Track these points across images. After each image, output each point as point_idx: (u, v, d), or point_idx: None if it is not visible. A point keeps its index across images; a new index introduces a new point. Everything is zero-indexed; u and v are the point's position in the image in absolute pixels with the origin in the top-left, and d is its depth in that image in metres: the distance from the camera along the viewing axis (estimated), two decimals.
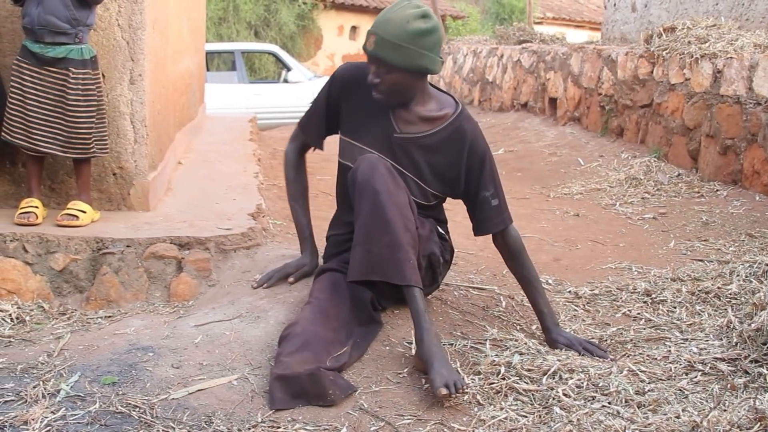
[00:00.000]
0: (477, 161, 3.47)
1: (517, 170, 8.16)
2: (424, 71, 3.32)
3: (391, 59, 3.25)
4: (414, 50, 3.23)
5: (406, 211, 3.20)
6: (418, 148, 3.47)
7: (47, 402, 2.79)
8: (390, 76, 3.30)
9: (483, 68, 12.65)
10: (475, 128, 3.51)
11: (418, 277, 3.16)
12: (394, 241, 3.13)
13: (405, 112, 3.47)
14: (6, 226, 4.11)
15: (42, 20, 4.13)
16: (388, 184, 3.19)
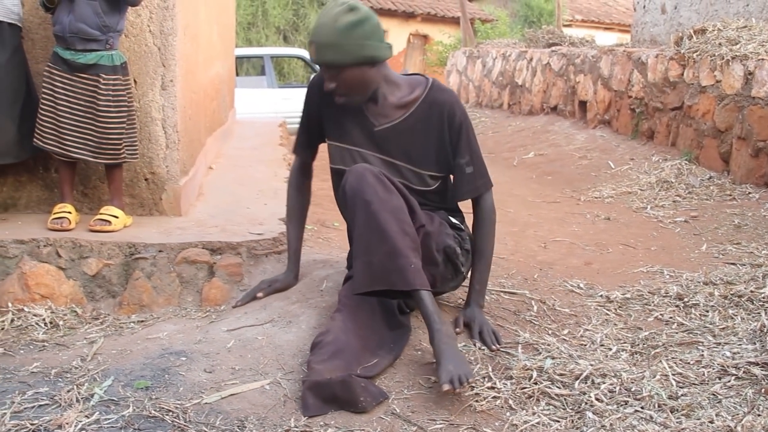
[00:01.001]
0: (455, 130, 3.49)
1: (548, 174, 8.14)
2: (370, 60, 3.35)
3: (335, 60, 3.30)
4: (352, 44, 3.28)
5: (401, 215, 3.20)
6: (401, 134, 3.50)
7: (81, 406, 2.80)
8: (342, 76, 3.34)
9: (512, 71, 12.62)
10: (449, 98, 3.53)
11: (423, 279, 3.16)
12: (393, 248, 3.13)
13: (377, 106, 3.51)
14: (39, 231, 4.15)
15: (73, 27, 4.15)
16: (378, 192, 3.18)
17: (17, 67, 4.29)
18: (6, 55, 4.21)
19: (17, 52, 4.30)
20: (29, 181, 4.63)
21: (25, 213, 4.62)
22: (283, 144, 7.81)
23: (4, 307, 3.92)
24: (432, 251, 3.39)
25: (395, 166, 3.50)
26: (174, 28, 4.59)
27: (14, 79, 4.27)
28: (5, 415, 2.74)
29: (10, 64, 4.24)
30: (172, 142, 4.61)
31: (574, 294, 4.12)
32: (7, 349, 3.52)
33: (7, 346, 3.56)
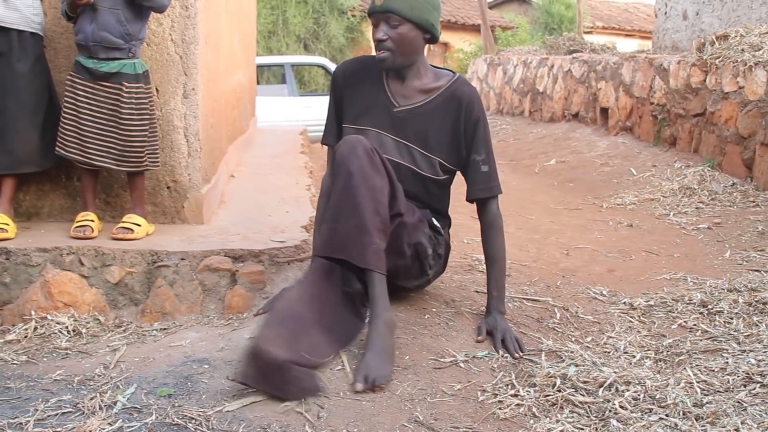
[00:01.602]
0: (472, 123, 3.54)
1: (570, 181, 8.12)
2: (430, 28, 3.45)
3: (402, 9, 3.37)
4: (424, 3, 3.40)
5: (379, 195, 3.20)
6: (418, 118, 3.56)
7: (104, 414, 2.80)
8: (399, 30, 3.41)
9: (533, 79, 12.61)
10: (472, 92, 3.59)
11: (380, 262, 3.17)
12: (361, 223, 3.15)
13: (402, 87, 3.59)
14: (62, 239, 4.16)
15: (96, 36, 4.17)
16: (363, 167, 3.19)
17: (39, 76, 4.32)
18: (27, 65, 4.23)
19: (39, 61, 4.32)
20: (52, 190, 4.65)
21: (47, 221, 4.64)
22: (304, 152, 7.82)
23: (28, 315, 3.94)
24: (402, 242, 3.42)
25: (408, 149, 3.57)
26: (196, 36, 4.61)
27: (36, 89, 4.30)
28: (29, 423, 2.74)
29: (32, 73, 4.27)
30: (194, 150, 4.62)
31: (597, 301, 4.10)
32: (31, 356, 3.54)
33: (31, 353, 3.58)
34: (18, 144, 4.27)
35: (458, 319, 3.60)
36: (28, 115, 4.26)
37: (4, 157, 4.27)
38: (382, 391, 2.94)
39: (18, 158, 4.29)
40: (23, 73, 4.22)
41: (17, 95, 4.22)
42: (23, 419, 2.78)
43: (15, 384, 3.17)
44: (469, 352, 3.29)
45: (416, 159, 3.57)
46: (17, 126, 4.25)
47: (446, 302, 3.78)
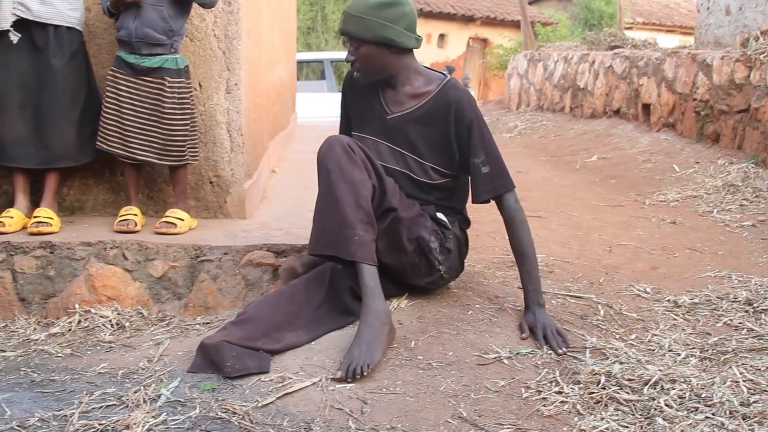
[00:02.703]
0: (464, 127, 3.53)
1: (611, 177, 8.06)
2: (389, 43, 3.47)
3: (356, 32, 3.46)
4: (376, 21, 3.43)
5: (358, 188, 3.26)
6: (409, 124, 3.59)
7: (148, 407, 2.82)
8: (361, 50, 3.50)
9: (574, 75, 12.54)
10: (460, 95, 3.57)
11: (366, 252, 3.22)
12: (342, 217, 3.22)
13: (394, 93, 3.64)
14: (106, 233, 4.18)
15: (140, 33, 4.18)
16: (341, 163, 3.28)
17: (75, 71, 4.33)
18: (63, 60, 4.25)
19: (76, 56, 4.33)
20: (95, 185, 4.68)
21: (91, 216, 4.67)
22: None
23: (72, 309, 3.97)
24: (401, 237, 3.46)
25: (402, 155, 3.61)
26: (238, 32, 4.62)
27: (72, 84, 4.31)
28: (74, 415, 2.76)
29: (68, 68, 4.28)
30: (236, 145, 4.64)
31: (641, 298, 4.07)
32: (75, 349, 3.57)
33: (75, 346, 3.61)
34: (54, 139, 4.29)
35: (502, 315, 3.59)
36: (63, 110, 4.28)
37: (41, 152, 4.30)
38: (363, 380, 2.99)
39: (54, 153, 4.32)
40: (59, 68, 4.24)
41: (53, 90, 4.25)
42: (68, 411, 2.80)
43: (59, 376, 3.20)
44: (513, 349, 3.28)
45: (410, 164, 3.61)
46: (53, 121, 4.27)
47: (489, 298, 3.76)
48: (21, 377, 3.22)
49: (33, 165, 4.32)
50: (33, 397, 2.99)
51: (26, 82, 4.26)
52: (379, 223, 3.41)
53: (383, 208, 3.39)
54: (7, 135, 4.28)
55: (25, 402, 2.92)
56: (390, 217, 3.41)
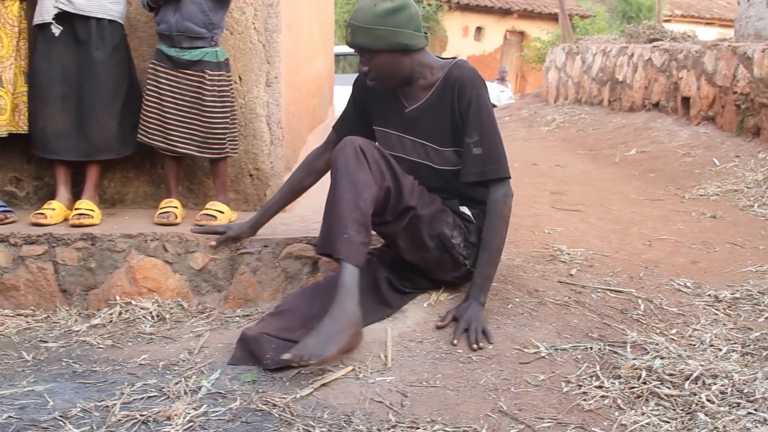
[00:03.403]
0: (465, 105, 3.49)
1: (650, 171, 8.00)
2: (403, 48, 3.45)
3: (368, 44, 3.43)
4: (386, 30, 3.39)
5: (360, 189, 3.23)
6: (425, 115, 3.59)
7: (189, 398, 2.84)
8: (374, 61, 3.48)
9: (612, 68, 12.45)
10: (463, 74, 3.54)
11: (351, 251, 3.18)
12: (338, 216, 3.21)
13: (411, 88, 3.62)
14: (147, 226, 4.21)
15: (180, 26, 4.20)
16: (348, 163, 3.26)
17: (117, 64, 4.35)
18: (105, 53, 4.28)
19: (117, 49, 4.35)
20: (136, 177, 4.71)
21: (132, 208, 4.71)
22: None
23: (113, 300, 4.00)
24: (422, 235, 3.47)
25: (423, 147, 3.61)
26: (278, 25, 4.63)
27: (113, 76, 4.34)
28: (115, 406, 2.78)
29: (110, 61, 4.31)
30: (276, 138, 4.65)
31: (682, 293, 4.04)
32: (116, 341, 3.59)
33: (116, 338, 3.64)
34: (95, 131, 4.32)
35: (541, 309, 3.58)
36: (105, 103, 4.31)
37: (82, 144, 4.33)
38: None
39: (96, 146, 4.35)
40: (101, 61, 4.27)
41: (94, 83, 4.27)
42: (109, 402, 2.83)
43: (101, 367, 3.23)
44: (553, 343, 3.27)
45: (430, 155, 3.60)
46: (95, 114, 4.30)
47: (529, 292, 3.75)
48: (63, 368, 3.25)
49: (75, 157, 4.36)
50: (75, 387, 3.02)
51: (68, 74, 4.29)
52: (399, 222, 3.43)
53: (401, 207, 3.40)
54: (49, 127, 4.31)
55: (67, 392, 2.95)
56: (409, 216, 3.42)
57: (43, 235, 4.04)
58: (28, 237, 4.04)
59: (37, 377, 3.13)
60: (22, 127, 4.35)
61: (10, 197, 4.63)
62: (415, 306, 3.55)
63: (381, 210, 3.37)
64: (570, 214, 5.69)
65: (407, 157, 3.62)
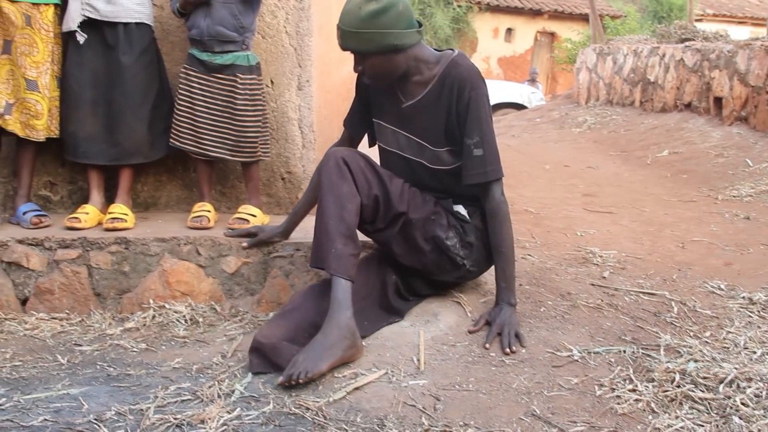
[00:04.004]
0: (463, 105, 3.45)
1: (683, 172, 7.97)
2: (392, 49, 3.39)
3: (358, 47, 3.39)
4: (374, 33, 3.33)
5: (344, 202, 3.26)
6: (421, 112, 3.55)
7: (223, 402, 2.85)
8: (367, 63, 3.44)
9: (644, 68, 12.40)
10: (461, 72, 3.49)
11: (340, 265, 3.20)
12: (326, 231, 3.24)
13: (407, 83, 3.57)
14: (179, 229, 4.23)
15: (211, 31, 4.22)
16: (331, 176, 3.29)
17: (145, 68, 4.37)
18: (133, 57, 4.30)
19: (145, 53, 4.37)
20: (169, 181, 4.73)
21: (165, 212, 4.73)
22: None
23: (146, 304, 4.02)
24: (416, 239, 3.47)
25: (418, 144, 3.59)
26: (310, 28, 4.64)
27: (142, 81, 4.35)
28: (149, 409, 2.80)
29: (137, 65, 4.33)
30: (308, 141, 4.66)
31: (715, 295, 4.02)
32: (149, 344, 3.61)
33: (149, 341, 3.65)
34: (125, 136, 4.34)
35: (574, 312, 3.57)
36: (133, 107, 4.32)
37: (112, 148, 4.36)
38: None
39: (125, 150, 4.37)
40: (128, 65, 4.28)
41: (123, 87, 4.29)
42: (143, 406, 2.85)
43: (135, 371, 3.25)
44: (586, 346, 3.26)
45: (425, 153, 3.58)
46: (123, 118, 4.32)
47: (562, 295, 3.74)
48: (97, 371, 3.27)
49: (104, 161, 4.38)
50: (109, 391, 3.03)
51: (98, 79, 4.32)
52: (392, 228, 3.43)
53: (392, 213, 3.40)
54: (80, 131, 4.35)
55: (101, 396, 2.97)
56: (401, 222, 3.42)
57: (77, 239, 4.07)
58: (63, 241, 4.07)
59: (72, 380, 3.16)
60: (54, 131, 4.38)
61: (44, 201, 4.66)
62: (448, 310, 3.55)
63: (372, 218, 3.39)
64: (602, 216, 5.67)
65: (402, 154, 3.62)
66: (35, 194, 4.63)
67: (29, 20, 4.20)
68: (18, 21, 4.17)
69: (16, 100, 4.23)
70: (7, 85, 4.21)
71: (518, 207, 5.64)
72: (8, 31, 4.18)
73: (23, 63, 4.21)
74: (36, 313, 4.02)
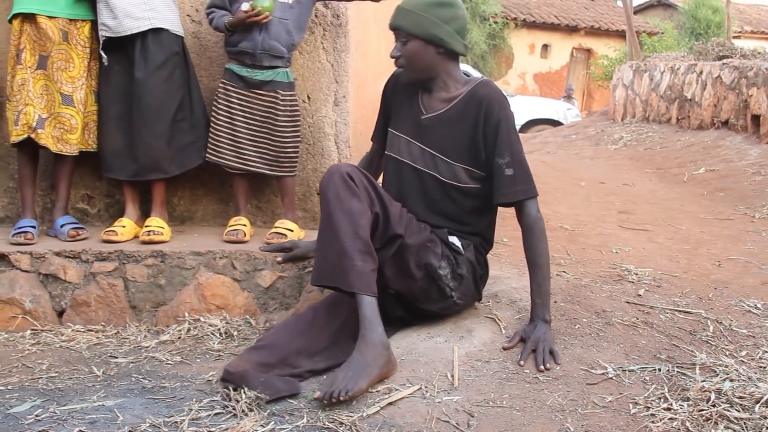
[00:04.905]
0: (492, 125, 3.46)
1: (719, 190, 7.92)
2: (438, 41, 3.46)
3: (407, 26, 3.46)
4: (428, 18, 3.43)
5: (356, 218, 3.22)
6: (441, 125, 3.56)
7: (257, 415, 2.86)
8: (408, 46, 3.49)
9: (681, 85, 12.34)
10: (490, 93, 3.52)
11: (364, 283, 3.17)
12: (341, 248, 3.18)
13: (430, 96, 3.63)
14: (215, 243, 4.25)
15: (265, 45, 4.25)
16: (339, 193, 3.25)
17: (162, 83, 4.34)
18: (147, 73, 4.30)
19: (163, 67, 4.35)
20: (205, 195, 4.76)
21: (200, 225, 4.75)
22: None
23: (181, 317, 4.04)
24: (409, 264, 3.43)
25: (432, 157, 3.59)
26: (346, 45, 4.66)
27: (158, 96, 4.33)
28: (184, 422, 2.82)
29: (153, 80, 4.32)
30: (344, 157, 4.68)
31: (752, 314, 3.99)
32: (184, 357, 3.63)
33: (184, 354, 3.68)
34: (141, 151, 4.36)
35: (609, 329, 3.55)
36: (149, 123, 4.33)
37: (132, 164, 4.39)
38: (350, 402, 2.97)
39: (143, 165, 4.39)
40: (142, 81, 4.29)
41: (139, 103, 4.31)
42: (178, 418, 2.86)
43: (170, 383, 3.27)
44: (621, 364, 3.24)
45: (438, 166, 3.57)
46: (140, 134, 4.34)
47: (597, 312, 3.73)
48: (132, 383, 3.29)
49: (125, 176, 4.42)
50: (144, 403, 3.05)
51: (123, 94, 4.35)
52: (386, 250, 3.40)
53: (388, 235, 3.38)
54: (106, 146, 4.40)
55: (136, 408, 2.99)
56: (397, 244, 3.40)
57: (113, 252, 4.11)
58: (99, 254, 4.11)
59: (107, 392, 3.18)
60: (92, 145, 4.42)
61: (81, 214, 4.71)
62: (482, 326, 3.54)
63: (370, 237, 3.36)
64: (638, 234, 5.65)
65: (413, 165, 3.62)
66: (73, 207, 4.67)
67: (66, 36, 4.25)
68: (55, 36, 4.21)
69: (49, 115, 4.27)
70: (41, 100, 4.26)
71: (553, 224, 5.62)
72: (45, 47, 4.23)
73: (59, 78, 4.25)
74: (72, 325, 4.05)
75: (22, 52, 4.22)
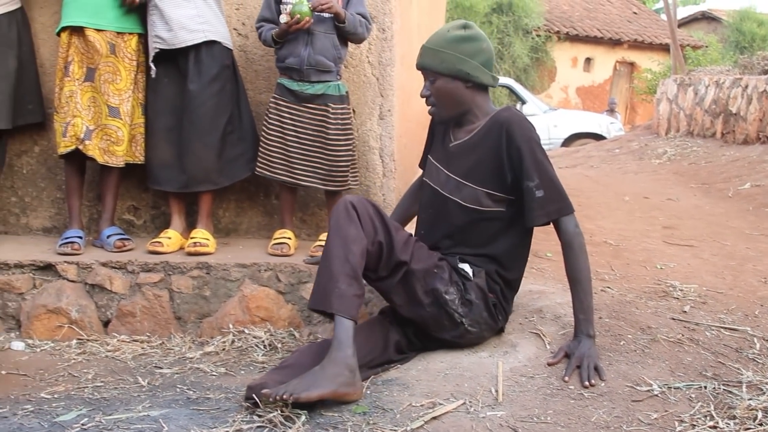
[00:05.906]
0: (515, 147, 3.44)
1: (765, 205, 7.84)
2: (464, 77, 3.48)
3: (433, 65, 3.51)
4: (452, 54, 3.46)
5: (350, 245, 3.24)
6: (466, 152, 3.58)
7: (301, 428, 2.86)
8: (436, 84, 3.54)
9: (726, 99, 12.25)
10: (511, 116, 3.51)
11: (343, 305, 3.17)
12: (330, 272, 3.21)
13: (459, 126, 3.67)
14: (260, 255, 4.28)
15: (312, 60, 4.28)
16: (339, 220, 3.30)
17: (215, 95, 4.41)
18: (200, 85, 4.38)
19: (216, 79, 4.41)
20: (250, 207, 4.79)
21: (245, 237, 4.79)
22: None
23: (226, 329, 4.07)
24: (416, 291, 3.43)
25: (457, 183, 3.59)
26: (392, 58, 4.68)
27: (211, 108, 4.40)
28: None
29: (206, 93, 4.39)
30: (388, 170, 4.69)
31: None
32: (229, 368, 3.66)
33: (229, 366, 3.70)
34: (192, 163, 4.41)
35: (654, 346, 3.53)
36: (201, 134, 4.38)
37: (181, 176, 4.45)
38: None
39: (193, 177, 4.44)
40: (195, 93, 4.35)
41: (191, 115, 4.36)
42: (222, 430, 2.88)
43: (214, 395, 3.28)
44: (666, 381, 3.22)
45: (462, 191, 3.57)
46: (191, 146, 4.39)
47: (642, 329, 3.70)
48: (177, 394, 3.32)
49: (174, 188, 4.46)
50: (189, 414, 3.07)
51: (172, 106, 4.41)
52: (393, 277, 3.42)
53: (393, 262, 3.39)
54: (154, 158, 4.44)
55: (181, 419, 3.01)
56: (402, 271, 3.40)
57: (159, 263, 4.14)
58: (145, 265, 4.14)
59: (152, 402, 3.20)
60: (138, 157, 4.47)
61: (128, 225, 4.76)
62: (527, 341, 3.53)
63: (375, 265, 3.38)
64: (682, 249, 5.61)
65: (440, 190, 3.64)
66: (119, 218, 4.72)
67: (114, 49, 4.30)
68: (103, 49, 4.27)
69: (96, 126, 4.32)
70: (89, 112, 4.31)
71: (597, 239, 5.60)
72: (93, 59, 4.28)
73: (106, 90, 4.30)
74: (118, 335, 4.10)
75: (70, 65, 4.28)
